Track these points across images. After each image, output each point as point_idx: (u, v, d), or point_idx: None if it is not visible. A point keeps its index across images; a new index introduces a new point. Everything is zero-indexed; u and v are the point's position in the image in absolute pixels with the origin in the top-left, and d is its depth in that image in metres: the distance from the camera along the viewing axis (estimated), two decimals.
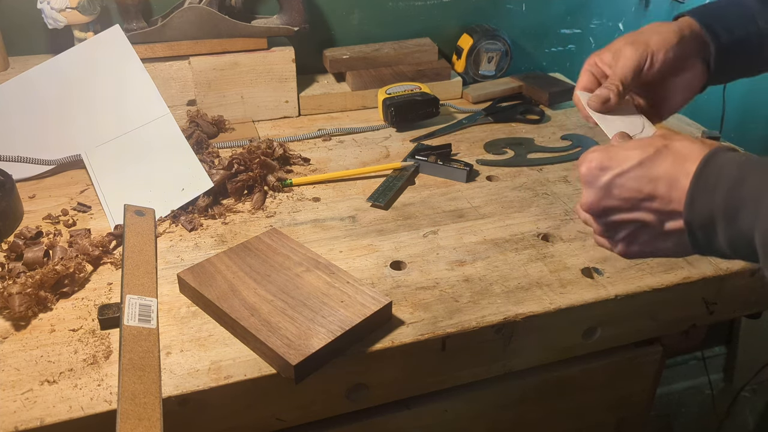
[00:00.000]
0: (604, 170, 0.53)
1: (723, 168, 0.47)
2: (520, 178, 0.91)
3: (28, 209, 0.83)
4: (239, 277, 0.66)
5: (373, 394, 0.65)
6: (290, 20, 1.05)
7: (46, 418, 0.54)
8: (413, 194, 0.87)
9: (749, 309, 0.79)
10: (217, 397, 0.58)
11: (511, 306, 0.67)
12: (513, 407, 0.77)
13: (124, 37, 0.93)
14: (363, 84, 1.11)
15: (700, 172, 0.48)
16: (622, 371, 0.81)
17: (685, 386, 1.76)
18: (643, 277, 0.71)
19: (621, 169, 0.52)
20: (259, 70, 1.04)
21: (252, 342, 0.60)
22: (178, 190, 0.83)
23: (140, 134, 0.90)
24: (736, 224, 0.46)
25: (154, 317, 0.63)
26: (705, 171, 0.48)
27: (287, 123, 1.08)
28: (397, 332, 0.63)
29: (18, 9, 1.01)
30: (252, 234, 0.77)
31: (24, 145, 0.89)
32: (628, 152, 0.52)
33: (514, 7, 1.24)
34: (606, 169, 0.53)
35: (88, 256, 0.72)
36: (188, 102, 1.04)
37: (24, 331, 0.63)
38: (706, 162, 0.48)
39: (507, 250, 0.76)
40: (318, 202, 0.85)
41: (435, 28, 1.21)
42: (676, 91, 0.68)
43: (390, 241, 0.77)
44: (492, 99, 1.15)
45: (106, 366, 0.59)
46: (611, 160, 0.53)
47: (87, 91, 0.92)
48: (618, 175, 0.52)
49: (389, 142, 1.01)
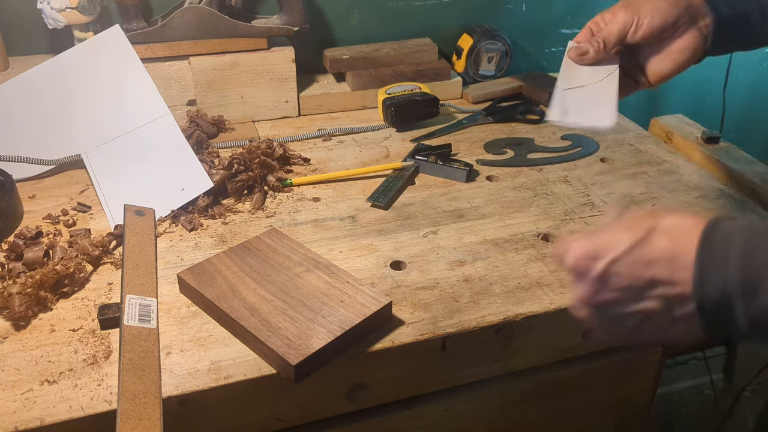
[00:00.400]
0: (594, 260, 0.47)
1: (729, 237, 0.43)
2: (520, 178, 0.91)
3: (28, 209, 0.83)
4: (239, 277, 0.66)
5: (373, 394, 0.65)
6: (290, 20, 1.05)
7: (46, 418, 0.54)
8: (413, 194, 0.87)
9: None
10: (217, 397, 0.58)
11: (511, 306, 0.67)
12: (513, 407, 0.77)
13: (124, 37, 0.93)
14: (363, 84, 1.11)
15: (704, 245, 0.43)
16: (622, 371, 0.80)
17: (686, 386, 1.76)
18: None
19: (614, 255, 0.46)
20: (259, 70, 1.04)
21: (252, 342, 0.60)
22: (178, 190, 0.83)
23: (140, 134, 0.90)
24: (758, 299, 0.41)
25: (154, 317, 0.63)
26: (710, 244, 0.43)
27: (287, 123, 1.08)
28: (397, 332, 0.63)
29: (18, 9, 1.01)
30: (252, 234, 0.77)
31: (24, 145, 0.89)
32: (616, 236, 0.47)
33: (514, 7, 1.24)
34: (596, 258, 0.47)
35: (88, 256, 0.72)
36: (188, 102, 1.04)
37: (24, 331, 0.63)
38: (708, 234, 0.44)
39: (507, 250, 0.76)
40: (318, 202, 0.85)
41: (435, 28, 1.21)
42: (665, 58, 0.69)
43: (390, 241, 0.77)
44: (492, 99, 1.15)
45: (106, 366, 0.59)
46: (599, 247, 0.47)
47: (87, 91, 0.92)
48: (611, 262, 0.47)
49: (389, 142, 1.01)
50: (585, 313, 0.50)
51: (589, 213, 0.83)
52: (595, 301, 0.49)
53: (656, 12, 0.67)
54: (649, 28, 0.67)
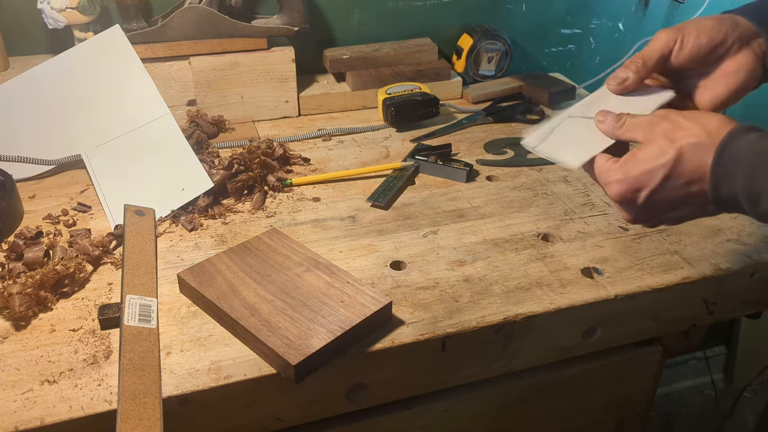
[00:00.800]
0: (637, 191, 0.56)
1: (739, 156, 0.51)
2: (520, 178, 0.91)
3: (28, 209, 0.83)
4: (239, 277, 0.66)
5: (373, 394, 0.65)
6: (290, 20, 1.05)
7: (46, 418, 0.54)
8: (413, 194, 0.87)
9: (749, 309, 0.79)
10: (217, 397, 0.58)
11: (511, 306, 0.67)
12: (513, 407, 0.77)
13: (124, 37, 0.93)
14: (363, 84, 1.11)
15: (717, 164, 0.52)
16: (622, 371, 0.81)
17: (686, 386, 1.76)
18: (643, 277, 0.71)
19: (653, 185, 0.55)
20: (259, 70, 1.04)
21: (252, 342, 0.60)
22: (178, 190, 0.83)
23: (140, 134, 0.90)
24: (760, 207, 0.51)
25: (154, 317, 0.63)
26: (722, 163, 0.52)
27: (287, 123, 1.08)
28: (397, 332, 0.63)
29: (18, 9, 1.01)
30: (252, 234, 0.77)
31: (24, 145, 0.89)
32: (648, 166, 0.55)
33: (514, 7, 1.24)
34: (639, 190, 0.56)
35: (88, 256, 0.72)
36: (188, 102, 1.04)
37: (24, 331, 0.63)
38: (720, 153, 0.52)
39: (507, 250, 0.76)
40: (318, 202, 0.85)
41: (435, 28, 1.21)
42: (718, 81, 0.63)
43: (390, 241, 0.77)
44: (492, 99, 1.15)
45: (106, 366, 0.59)
46: (637, 180, 0.56)
47: (87, 91, 0.92)
48: (653, 191, 0.55)
49: (389, 142, 1.01)
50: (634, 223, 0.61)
51: (589, 213, 0.83)
52: (641, 220, 0.60)
53: (702, 29, 0.61)
54: (696, 46, 0.61)
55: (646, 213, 0.58)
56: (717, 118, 0.55)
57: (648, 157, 0.55)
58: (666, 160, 0.54)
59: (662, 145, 0.55)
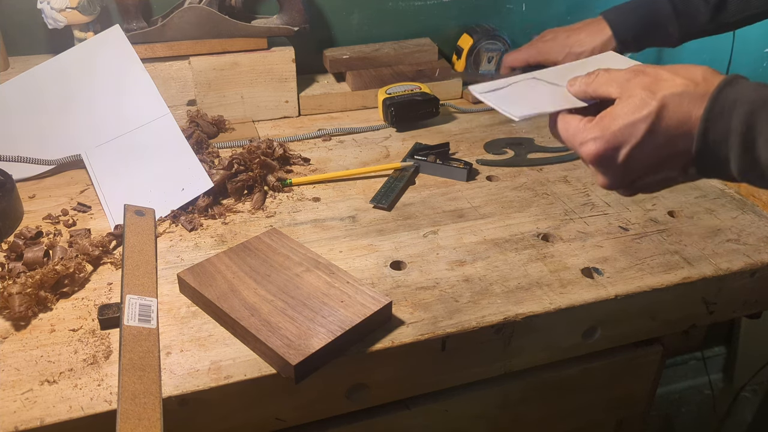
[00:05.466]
0: (617, 149, 0.52)
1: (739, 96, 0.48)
2: (520, 178, 0.91)
3: (28, 209, 0.83)
4: (239, 277, 0.66)
5: (373, 394, 0.65)
6: (290, 20, 1.05)
7: (46, 418, 0.54)
8: (413, 194, 0.87)
9: (749, 309, 0.79)
10: (217, 397, 0.58)
11: (511, 306, 0.67)
12: (513, 407, 0.77)
13: (124, 37, 0.93)
14: (363, 84, 1.11)
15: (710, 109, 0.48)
16: (622, 371, 0.81)
17: (685, 386, 1.76)
18: (643, 277, 0.71)
19: (634, 141, 0.51)
20: (259, 70, 1.04)
21: (252, 342, 0.60)
22: (178, 190, 0.83)
23: (140, 134, 0.90)
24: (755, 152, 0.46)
25: (154, 317, 0.63)
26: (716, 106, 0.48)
27: (287, 123, 1.08)
28: (397, 332, 0.63)
29: (18, 9, 1.01)
30: (252, 234, 0.77)
31: (24, 145, 0.89)
32: (628, 119, 0.51)
33: (514, 7, 1.24)
34: (618, 147, 0.51)
35: (88, 256, 0.72)
36: (188, 102, 1.04)
37: (24, 331, 0.63)
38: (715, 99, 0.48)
39: (507, 250, 0.76)
40: (318, 202, 0.85)
41: (435, 28, 1.21)
42: None
43: (390, 241, 0.77)
44: None
45: (106, 366, 0.59)
46: (616, 136, 0.51)
47: (87, 91, 0.92)
48: (634, 147, 0.51)
49: (389, 142, 1.01)
50: (610, 189, 0.56)
51: (589, 213, 0.83)
52: (619, 184, 0.55)
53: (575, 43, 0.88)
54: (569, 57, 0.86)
55: (626, 175, 0.54)
56: (702, 68, 0.52)
57: (627, 110, 0.51)
58: (648, 111, 0.50)
59: (642, 97, 0.51)
